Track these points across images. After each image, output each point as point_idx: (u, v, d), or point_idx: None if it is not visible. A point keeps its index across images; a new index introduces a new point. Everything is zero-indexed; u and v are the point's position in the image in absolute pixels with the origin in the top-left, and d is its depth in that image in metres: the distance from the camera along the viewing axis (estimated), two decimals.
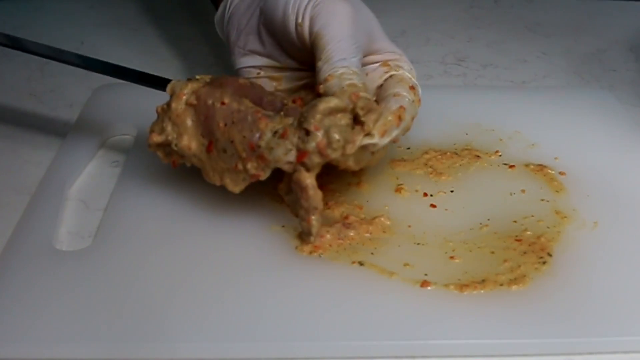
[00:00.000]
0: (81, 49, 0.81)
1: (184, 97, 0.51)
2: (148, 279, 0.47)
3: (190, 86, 0.51)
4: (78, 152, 0.61)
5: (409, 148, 0.61)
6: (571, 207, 0.55)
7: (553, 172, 0.58)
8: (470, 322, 0.44)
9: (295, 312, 0.45)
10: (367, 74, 0.55)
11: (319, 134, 0.47)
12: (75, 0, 0.93)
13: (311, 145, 0.47)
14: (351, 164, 0.49)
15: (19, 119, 0.68)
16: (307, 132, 0.47)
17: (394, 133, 0.50)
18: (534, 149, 0.62)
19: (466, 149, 0.61)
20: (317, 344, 0.43)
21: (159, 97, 0.55)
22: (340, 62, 0.51)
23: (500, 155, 0.61)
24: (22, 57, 0.77)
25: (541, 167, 0.59)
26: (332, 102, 0.48)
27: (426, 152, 0.60)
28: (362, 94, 0.50)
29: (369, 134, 0.48)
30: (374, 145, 0.49)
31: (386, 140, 0.49)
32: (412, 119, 0.52)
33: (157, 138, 0.52)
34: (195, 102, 0.51)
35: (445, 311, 0.45)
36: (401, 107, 0.51)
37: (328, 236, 0.50)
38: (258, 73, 0.58)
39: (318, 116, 0.47)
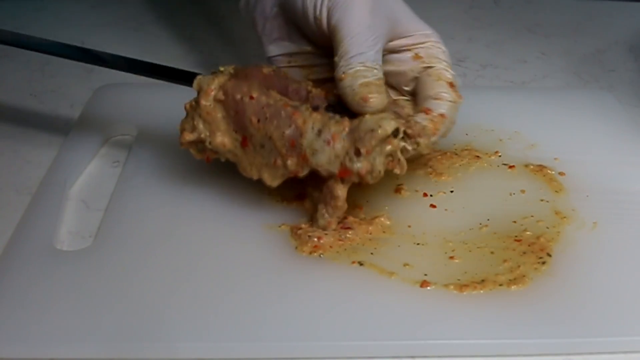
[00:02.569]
0: None
1: (212, 93, 0.51)
2: (148, 279, 0.47)
3: (217, 81, 0.51)
4: (79, 152, 0.61)
5: None
6: (570, 207, 0.55)
7: (552, 172, 0.59)
8: (470, 322, 0.44)
9: (295, 312, 0.45)
10: (398, 66, 0.55)
11: (368, 160, 0.48)
12: (76, 1, 0.93)
13: (357, 166, 0.48)
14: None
15: (19, 118, 0.68)
16: (358, 153, 0.48)
17: (433, 139, 0.51)
18: (534, 149, 0.62)
19: (466, 149, 0.61)
20: (317, 344, 0.43)
21: (159, 97, 0.55)
22: (355, 59, 0.50)
23: (500, 156, 0.61)
24: (23, 57, 0.77)
25: (541, 168, 0.59)
26: (389, 129, 0.48)
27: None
28: (413, 119, 0.51)
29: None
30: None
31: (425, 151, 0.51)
32: (453, 121, 0.53)
33: (189, 136, 0.52)
34: (223, 97, 0.51)
35: (445, 311, 0.45)
36: (441, 115, 0.52)
37: (328, 237, 0.50)
38: (289, 62, 0.58)
39: (374, 142, 0.48)
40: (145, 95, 0.68)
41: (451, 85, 0.53)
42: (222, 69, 0.52)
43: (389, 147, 0.48)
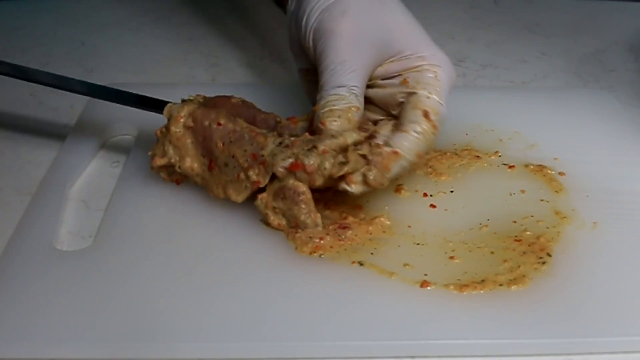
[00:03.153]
0: (82, 49, 0.81)
1: (182, 120, 0.53)
2: (148, 279, 0.47)
3: (187, 109, 0.53)
4: (79, 152, 0.61)
5: None
6: (570, 207, 0.55)
7: (552, 172, 0.59)
8: (470, 322, 0.44)
9: (295, 312, 0.45)
10: (385, 90, 0.55)
11: (320, 157, 0.48)
12: (76, 1, 0.93)
13: (308, 161, 0.48)
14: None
15: (19, 119, 0.68)
16: (313, 149, 0.49)
17: (381, 180, 0.51)
18: (534, 149, 0.62)
19: (466, 150, 0.61)
20: (317, 344, 0.43)
21: (156, 96, 0.55)
22: (330, 91, 0.51)
23: (499, 156, 0.61)
24: (23, 57, 0.77)
25: (541, 168, 0.59)
26: (349, 140, 0.50)
27: (426, 153, 0.60)
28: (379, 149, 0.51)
29: (347, 184, 0.50)
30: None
31: (362, 189, 0.51)
32: (419, 154, 0.52)
33: (160, 161, 0.53)
34: (192, 124, 0.52)
35: (445, 311, 0.45)
36: (394, 152, 0.51)
37: (328, 237, 0.50)
38: (305, 76, 0.59)
39: (332, 146, 0.49)
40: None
41: (426, 114, 0.52)
42: (191, 97, 0.55)
43: (342, 156, 0.49)
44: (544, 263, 0.49)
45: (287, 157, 0.49)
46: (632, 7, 0.95)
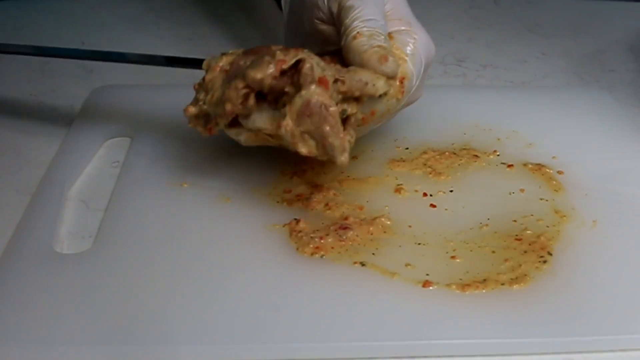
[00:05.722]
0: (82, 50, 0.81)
1: (218, 69, 0.51)
2: (148, 282, 0.47)
3: (225, 59, 0.51)
4: (78, 152, 0.61)
5: (407, 148, 0.61)
6: (570, 206, 0.55)
7: (551, 171, 0.59)
8: (472, 321, 0.44)
9: (296, 314, 0.45)
10: None
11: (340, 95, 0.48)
12: (76, 1, 0.94)
13: (333, 86, 0.48)
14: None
15: (19, 119, 0.68)
16: (337, 81, 0.48)
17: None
18: (532, 148, 0.62)
19: (464, 149, 0.61)
20: (319, 345, 0.43)
21: (156, 97, 0.55)
22: (370, 23, 0.50)
23: (498, 155, 0.61)
24: (23, 57, 0.77)
25: (539, 167, 0.59)
26: (380, 90, 0.49)
27: (425, 152, 0.61)
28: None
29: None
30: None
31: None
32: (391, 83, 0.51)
33: (192, 109, 0.51)
34: (228, 67, 0.50)
35: (448, 311, 0.45)
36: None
37: (329, 238, 0.50)
38: None
39: (357, 91, 0.48)
40: (143, 95, 0.68)
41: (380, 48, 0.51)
42: (231, 51, 0.52)
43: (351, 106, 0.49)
44: (545, 262, 0.49)
45: (317, 64, 0.47)
46: (632, 7, 0.96)
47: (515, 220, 0.53)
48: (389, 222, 0.52)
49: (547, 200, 0.55)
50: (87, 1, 0.94)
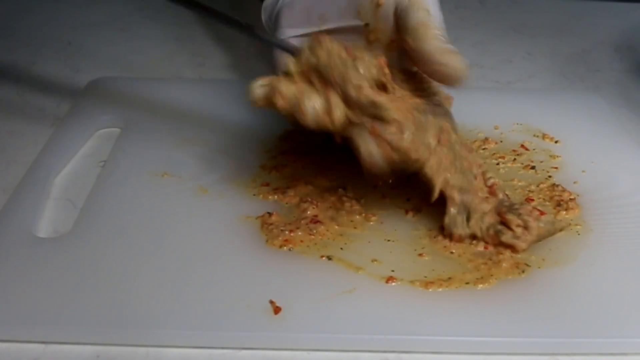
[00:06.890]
0: (68, 49, 0.81)
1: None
2: (121, 266, 0.48)
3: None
4: (64, 144, 0.61)
5: None
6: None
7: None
8: (433, 318, 0.44)
9: (259, 304, 0.45)
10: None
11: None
12: (62, 1, 0.93)
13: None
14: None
15: (5, 118, 0.68)
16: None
17: None
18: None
19: None
20: (281, 335, 0.43)
21: (148, 94, 0.55)
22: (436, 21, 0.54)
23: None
24: (9, 56, 0.77)
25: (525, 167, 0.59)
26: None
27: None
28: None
29: None
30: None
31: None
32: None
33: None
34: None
35: (408, 307, 0.45)
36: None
37: (299, 232, 0.51)
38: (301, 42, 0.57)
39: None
40: (131, 91, 0.68)
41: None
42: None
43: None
44: (523, 272, 0.48)
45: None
46: (617, 7, 0.96)
47: None
48: (359, 217, 0.53)
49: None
50: (73, 1, 0.94)
